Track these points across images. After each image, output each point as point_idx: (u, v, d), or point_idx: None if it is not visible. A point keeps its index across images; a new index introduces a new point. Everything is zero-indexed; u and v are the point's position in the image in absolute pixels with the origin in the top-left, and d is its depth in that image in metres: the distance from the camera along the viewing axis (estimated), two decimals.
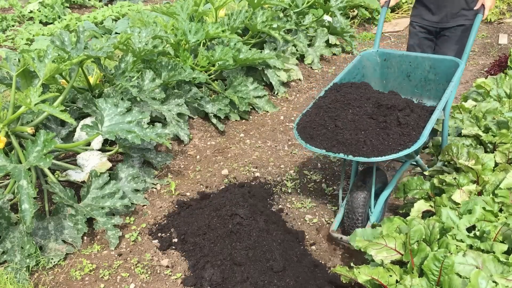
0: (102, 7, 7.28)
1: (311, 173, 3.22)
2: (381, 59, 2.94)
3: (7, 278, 2.18)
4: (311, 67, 5.01)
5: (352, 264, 2.44)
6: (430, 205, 2.27)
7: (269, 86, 4.44)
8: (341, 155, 2.20)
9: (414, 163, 2.65)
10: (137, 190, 2.85)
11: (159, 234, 2.59)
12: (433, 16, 3.13)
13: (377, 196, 2.51)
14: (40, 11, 6.68)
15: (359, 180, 2.50)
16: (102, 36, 5.38)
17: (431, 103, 2.79)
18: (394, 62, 2.91)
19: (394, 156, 2.15)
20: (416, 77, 2.85)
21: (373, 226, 2.22)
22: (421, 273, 1.74)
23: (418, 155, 2.56)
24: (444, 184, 2.35)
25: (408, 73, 2.88)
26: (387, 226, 1.99)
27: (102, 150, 2.96)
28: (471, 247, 1.84)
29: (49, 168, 2.68)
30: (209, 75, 3.88)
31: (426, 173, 2.70)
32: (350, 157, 2.19)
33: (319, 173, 3.23)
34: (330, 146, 2.28)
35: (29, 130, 2.54)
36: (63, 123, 3.09)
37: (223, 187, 3.00)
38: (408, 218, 2.09)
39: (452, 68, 2.64)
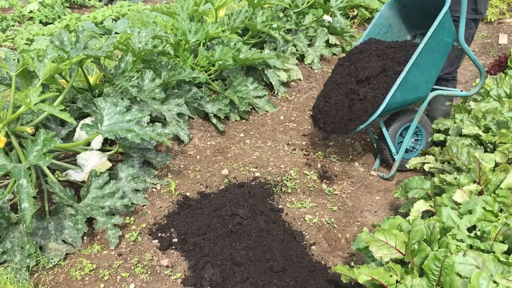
0: (102, 7, 7.28)
1: (311, 173, 3.22)
2: (400, 5, 3.37)
3: (7, 278, 2.18)
4: (311, 67, 5.01)
5: (352, 264, 2.45)
6: (430, 205, 2.27)
7: (269, 86, 4.43)
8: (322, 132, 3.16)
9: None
10: (137, 190, 2.85)
11: (159, 234, 2.59)
12: None
13: (406, 129, 3.24)
14: (40, 11, 6.68)
15: (384, 131, 3.18)
16: (101, 36, 5.38)
17: None
18: (410, 5, 3.34)
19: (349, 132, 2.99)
20: (430, 14, 3.15)
21: (374, 226, 2.22)
22: (422, 273, 1.74)
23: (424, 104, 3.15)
24: (444, 183, 2.35)
25: (423, 12, 3.28)
26: (389, 224, 1.99)
27: (102, 150, 2.96)
28: (471, 247, 1.84)
29: (49, 168, 2.68)
30: (209, 75, 3.88)
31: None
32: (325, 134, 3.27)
33: (319, 173, 3.23)
34: (319, 128, 3.15)
35: (29, 130, 2.54)
36: (63, 123, 3.09)
37: (223, 187, 3.00)
38: (408, 218, 2.09)
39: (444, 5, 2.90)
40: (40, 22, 6.55)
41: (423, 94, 3.06)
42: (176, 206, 2.81)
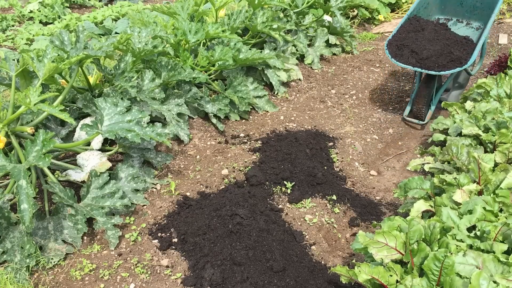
0: (102, 7, 7.28)
1: None
2: None
3: (7, 278, 2.18)
4: (311, 67, 5.01)
5: (351, 265, 2.45)
6: (430, 205, 2.26)
7: (269, 86, 4.43)
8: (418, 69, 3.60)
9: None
10: (137, 190, 2.85)
11: (159, 234, 2.59)
12: None
13: (436, 91, 3.87)
14: (40, 11, 6.68)
15: (424, 82, 3.75)
16: (101, 37, 5.37)
17: (476, 24, 4.14)
18: None
19: (450, 71, 3.48)
20: (467, 5, 4.13)
21: (374, 226, 2.22)
22: (421, 273, 1.74)
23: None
24: (444, 183, 2.35)
25: (461, 1, 4.14)
26: (388, 225, 1.99)
27: (102, 150, 2.96)
28: (471, 247, 1.84)
29: (49, 168, 2.68)
30: (209, 75, 3.88)
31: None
32: (423, 70, 3.57)
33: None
34: (412, 63, 3.63)
35: (29, 130, 2.54)
36: (63, 123, 3.09)
37: (223, 187, 3.00)
38: (407, 218, 2.09)
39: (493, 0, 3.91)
40: (40, 22, 6.55)
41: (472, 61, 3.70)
42: (176, 206, 2.81)
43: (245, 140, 3.60)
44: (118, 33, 5.25)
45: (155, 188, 2.98)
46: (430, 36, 3.81)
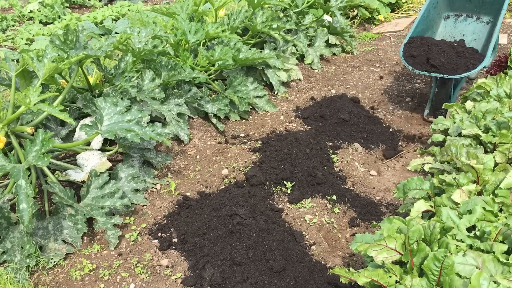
0: (102, 7, 7.28)
1: None
2: None
3: (7, 278, 2.18)
4: (311, 67, 5.01)
5: (351, 264, 2.45)
6: (430, 205, 2.26)
7: (269, 86, 4.43)
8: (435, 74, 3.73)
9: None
10: (137, 190, 2.85)
11: (159, 234, 2.59)
12: None
13: (453, 87, 4.01)
14: (40, 11, 6.68)
15: (442, 82, 3.92)
16: (101, 37, 5.38)
17: (486, 18, 4.29)
18: None
19: (466, 74, 3.64)
20: (475, 0, 4.26)
21: (374, 226, 2.22)
22: (421, 273, 1.74)
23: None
24: (444, 184, 2.35)
25: None
26: (387, 227, 1.99)
27: (102, 150, 2.96)
28: (471, 247, 1.84)
29: (49, 168, 2.68)
30: (209, 75, 3.88)
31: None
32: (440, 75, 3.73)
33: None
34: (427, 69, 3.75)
35: (29, 130, 2.54)
36: (63, 123, 3.09)
37: (223, 187, 3.00)
38: (407, 218, 2.09)
39: None
40: (40, 22, 6.55)
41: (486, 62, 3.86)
42: (176, 206, 2.81)
43: (245, 140, 3.60)
44: (118, 33, 5.25)
45: (155, 188, 2.98)
46: (439, 49, 3.96)
